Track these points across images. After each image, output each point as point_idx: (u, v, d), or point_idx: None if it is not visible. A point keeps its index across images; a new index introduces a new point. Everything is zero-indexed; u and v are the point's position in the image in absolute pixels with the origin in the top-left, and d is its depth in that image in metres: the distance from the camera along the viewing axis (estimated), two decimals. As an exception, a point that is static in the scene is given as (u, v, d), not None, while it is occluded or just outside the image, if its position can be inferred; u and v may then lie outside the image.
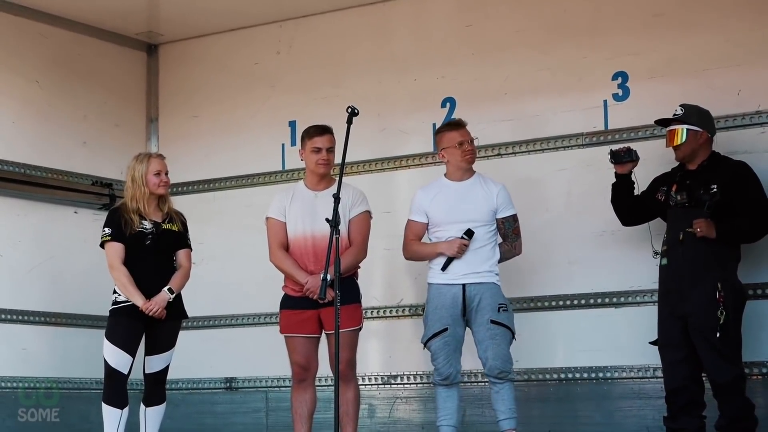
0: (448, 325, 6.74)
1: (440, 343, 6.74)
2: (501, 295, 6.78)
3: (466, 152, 6.87)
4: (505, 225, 6.89)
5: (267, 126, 8.83)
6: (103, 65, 9.11)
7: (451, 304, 6.74)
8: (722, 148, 7.02)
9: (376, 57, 8.48)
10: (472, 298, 6.72)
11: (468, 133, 6.91)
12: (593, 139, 7.68)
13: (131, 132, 9.25)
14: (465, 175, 6.92)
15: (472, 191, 6.86)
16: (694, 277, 6.66)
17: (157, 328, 7.03)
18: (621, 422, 7.41)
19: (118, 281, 6.99)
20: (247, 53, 9.04)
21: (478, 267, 6.75)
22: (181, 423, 8.70)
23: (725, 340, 6.59)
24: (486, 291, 6.73)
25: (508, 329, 6.73)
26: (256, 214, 7.38)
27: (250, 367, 8.67)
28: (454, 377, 6.76)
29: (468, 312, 6.74)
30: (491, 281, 6.76)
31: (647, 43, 7.54)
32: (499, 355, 6.68)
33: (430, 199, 6.90)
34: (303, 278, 6.77)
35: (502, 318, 6.71)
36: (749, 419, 6.68)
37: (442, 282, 6.79)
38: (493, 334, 6.69)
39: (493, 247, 6.83)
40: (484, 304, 6.71)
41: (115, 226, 7.03)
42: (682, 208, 6.79)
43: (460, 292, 6.73)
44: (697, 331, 6.63)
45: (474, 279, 6.74)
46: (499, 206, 6.86)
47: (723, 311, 6.59)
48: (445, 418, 6.76)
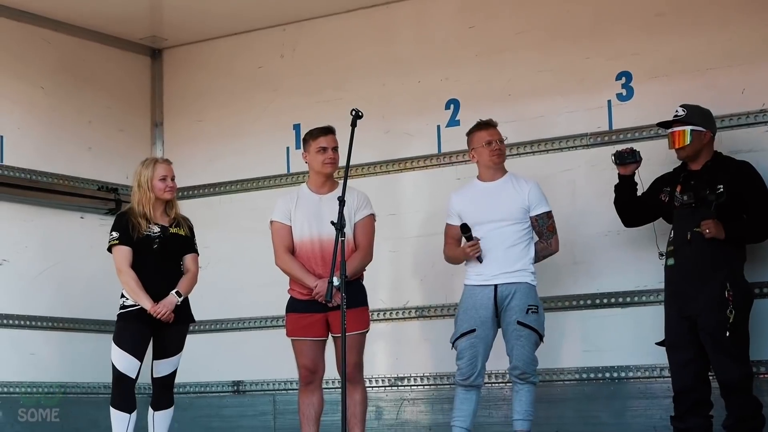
0: (476, 327, 6.75)
1: (467, 344, 6.76)
2: (533, 295, 6.79)
3: (494, 152, 6.89)
4: (539, 222, 6.89)
5: (271, 129, 8.84)
6: (108, 70, 9.13)
7: (482, 306, 6.76)
8: (726, 147, 7.03)
9: (380, 59, 8.49)
10: (503, 298, 6.74)
11: (497, 132, 6.95)
12: (598, 139, 7.68)
13: (136, 137, 9.26)
14: (496, 175, 6.94)
15: (503, 190, 6.88)
16: (703, 277, 6.66)
17: (165, 333, 7.05)
18: (628, 422, 7.41)
19: (126, 285, 7.01)
20: (250, 57, 9.05)
21: (509, 267, 6.77)
22: (189, 427, 8.71)
23: (734, 339, 6.59)
24: (517, 291, 6.74)
25: (535, 332, 6.75)
26: (261, 218, 7.38)
27: (258, 370, 8.68)
28: (475, 379, 6.76)
29: (501, 312, 6.76)
30: (524, 281, 6.77)
31: (650, 43, 7.54)
32: (522, 356, 6.71)
33: (462, 201, 6.94)
34: (312, 282, 6.77)
35: (530, 320, 6.72)
36: (757, 418, 6.68)
37: (475, 283, 6.82)
38: (519, 335, 6.71)
39: (526, 245, 6.84)
40: (513, 305, 6.72)
41: (123, 230, 7.05)
42: (688, 208, 6.79)
43: (492, 293, 6.75)
44: (706, 330, 6.63)
45: (506, 279, 6.75)
46: (532, 204, 6.87)
47: (732, 310, 6.59)
48: (459, 419, 6.77)
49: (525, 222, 6.85)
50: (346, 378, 6.29)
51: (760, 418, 6.69)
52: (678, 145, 6.85)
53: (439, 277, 7.93)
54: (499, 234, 6.79)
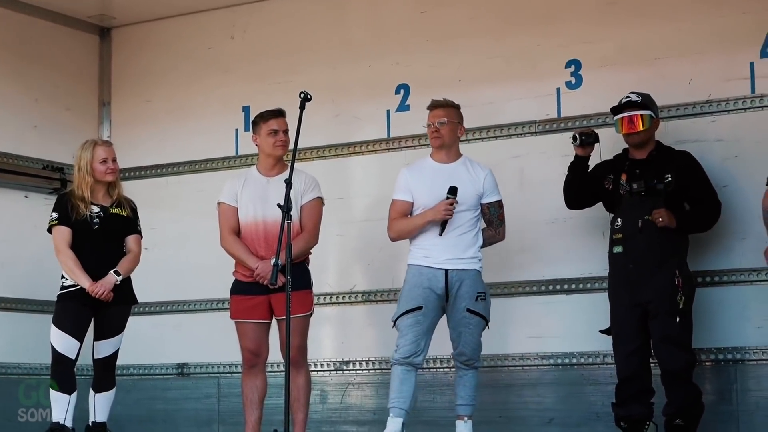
0: (423, 305, 6.66)
1: (411, 321, 6.65)
2: (481, 282, 6.76)
3: (431, 133, 6.83)
4: (491, 210, 6.85)
5: (220, 111, 8.79)
6: (56, 48, 9.03)
7: (429, 287, 6.68)
8: (672, 137, 7.09)
9: (331, 43, 8.46)
10: (454, 284, 6.68)
11: (438, 114, 6.83)
12: (546, 126, 7.70)
13: (83, 116, 9.17)
14: (450, 156, 6.86)
15: (458, 174, 6.79)
16: (654, 265, 6.70)
17: (106, 313, 7.01)
18: (572, 408, 7.45)
19: (64, 265, 6.97)
20: (200, 38, 8.99)
21: (461, 253, 6.71)
22: (133, 409, 8.65)
23: (682, 326, 6.65)
24: (467, 278, 6.69)
25: (483, 318, 6.73)
26: (208, 200, 7.35)
27: (202, 352, 8.64)
28: (416, 358, 6.64)
29: (449, 298, 6.70)
30: (474, 268, 6.72)
31: (600, 32, 7.57)
32: (470, 343, 6.68)
33: (414, 178, 6.83)
34: (253, 263, 6.77)
35: (479, 307, 6.69)
36: (697, 406, 6.75)
37: (423, 264, 6.72)
38: (467, 322, 6.68)
39: (477, 232, 6.80)
40: (463, 291, 6.67)
41: (62, 210, 7.02)
42: (638, 196, 6.82)
43: (442, 276, 6.68)
44: (657, 317, 6.68)
45: (457, 265, 6.69)
46: (486, 191, 6.82)
47: (682, 296, 6.65)
48: (398, 401, 6.63)
49: (477, 209, 6.82)
50: (290, 361, 6.27)
51: (700, 406, 6.76)
52: (637, 128, 6.83)
53: (386, 262, 7.93)
54: (453, 219, 6.71)
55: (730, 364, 7.06)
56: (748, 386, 7.00)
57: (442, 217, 6.65)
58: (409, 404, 6.67)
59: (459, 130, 6.90)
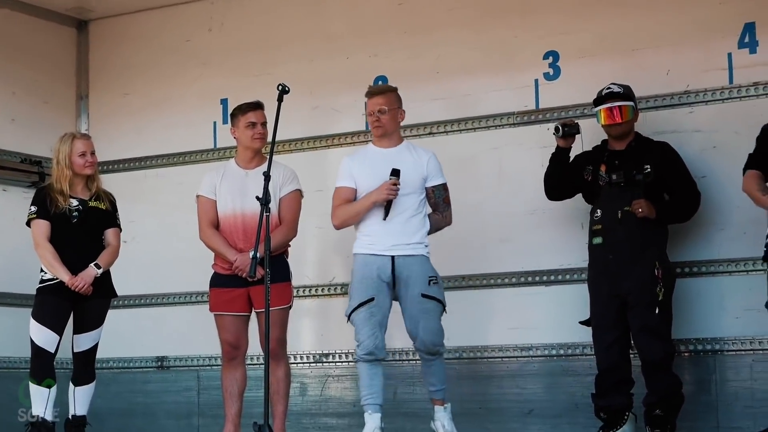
0: (375, 295, 6.53)
1: (365, 314, 6.54)
2: (431, 267, 6.62)
3: (372, 123, 6.74)
4: (436, 194, 6.75)
5: (199, 104, 8.77)
6: (32, 41, 8.98)
7: (378, 276, 6.55)
8: (650, 127, 7.10)
9: (309, 35, 8.44)
10: (402, 271, 6.55)
11: (377, 102, 6.72)
12: (524, 118, 7.71)
13: (61, 109, 9.14)
14: (393, 142, 6.78)
15: (400, 158, 6.70)
16: (634, 256, 6.72)
17: (85, 306, 7.00)
18: (551, 399, 7.47)
19: (43, 258, 6.95)
20: (178, 30, 8.96)
21: (407, 239, 6.58)
22: (112, 402, 8.64)
23: (661, 317, 6.67)
24: (415, 264, 6.56)
25: (439, 302, 6.60)
26: (187, 192, 7.34)
27: (182, 346, 8.64)
28: (379, 352, 6.53)
29: (397, 285, 6.58)
30: (421, 253, 6.60)
31: (578, 23, 7.57)
32: (430, 329, 6.54)
33: (357, 165, 6.75)
34: (232, 256, 6.77)
35: (433, 291, 6.56)
36: (677, 396, 6.77)
37: (368, 252, 6.62)
38: (423, 308, 6.54)
39: (423, 217, 6.67)
40: (414, 277, 6.54)
41: (41, 203, 7.00)
42: (617, 187, 6.83)
43: (388, 263, 6.56)
44: (636, 308, 6.69)
45: (403, 251, 6.56)
46: (430, 174, 6.72)
47: (661, 288, 6.67)
48: (372, 396, 6.54)
49: (422, 193, 6.68)
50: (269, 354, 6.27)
51: (679, 396, 6.78)
52: (621, 119, 6.83)
53: (365, 254, 7.91)
54: (397, 204, 6.58)
55: (709, 354, 7.09)
56: (727, 376, 7.03)
57: (386, 197, 6.53)
58: (383, 398, 6.58)
59: (399, 114, 6.78)
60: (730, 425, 6.94)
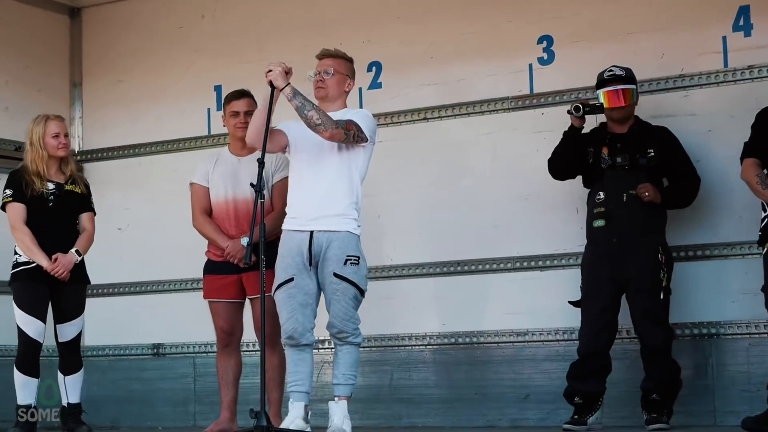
0: (294, 275, 6.04)
1: (284, 295, 6.06)
2: (354, 246, 6.02)
3: (315, 84, 6.33)
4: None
5: (192, 91, 8.74)
6: (25, 29, 8.95)
7: (297, 253, 6.04)
8: (646, 112, 7.07)
9: (302, 21, 8.41)
10: (320, 246, 6.00)
11: (326, 65, 6.33)
12: (519, 102, 7.69)
13: (54, 97, 9.10)
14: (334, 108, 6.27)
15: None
16: (637, 240, 6.70)
17: (62, 294, 7.00)
18: (546, 384, 7.46)
19: (20, 242, 6.93)
20: (171, 17, 8.93)
21: (328, 209, 6.03)
22: (109, 389, 8.65)
23: (663, 302, 6.66)
24: (335, 240, 5.99)
25: (354, 285, 6.02)
26: (181, 180, 7.35)
27: (178, 333, 8.63)
28: (301, 336, 6.02)
29: (314, 263, 6.05)
30: (344, 229, 6.02)
31: (572, 7, 7.55)
32: (339, 313, 5.99)
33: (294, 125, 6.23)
34: (224, 243, 6.78)
35: (348, 272, 5.97)
36: (675, 381, 6.77)
37: (291, 228, 6.12)
38: (335, 289, 5.99)
39: (351, 185, 6.05)
40: (330, 255, 5.97)
41: (16, 187, 6.98)
42: (621, 170, 6.80)
43: (306, 239, 6.03)
44: (639, 293, 6.67)
45: (323, 225, 6.00)
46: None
47: (665, 273, 6.66)
48: (297, 384, 6.07)
49: (351, 153, 6.07)
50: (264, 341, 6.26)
51: (678, 382, 6.79)
52: (625, 102, 6.79)
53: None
54: (317, 164, 6.06)
55: (706, 338, 7.09)
56: (724, 360, 7.03)
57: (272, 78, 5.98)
58: (310, 385, 6.11)
59: (347, 84, 6.31)
60: (727, 409, 6.93)
